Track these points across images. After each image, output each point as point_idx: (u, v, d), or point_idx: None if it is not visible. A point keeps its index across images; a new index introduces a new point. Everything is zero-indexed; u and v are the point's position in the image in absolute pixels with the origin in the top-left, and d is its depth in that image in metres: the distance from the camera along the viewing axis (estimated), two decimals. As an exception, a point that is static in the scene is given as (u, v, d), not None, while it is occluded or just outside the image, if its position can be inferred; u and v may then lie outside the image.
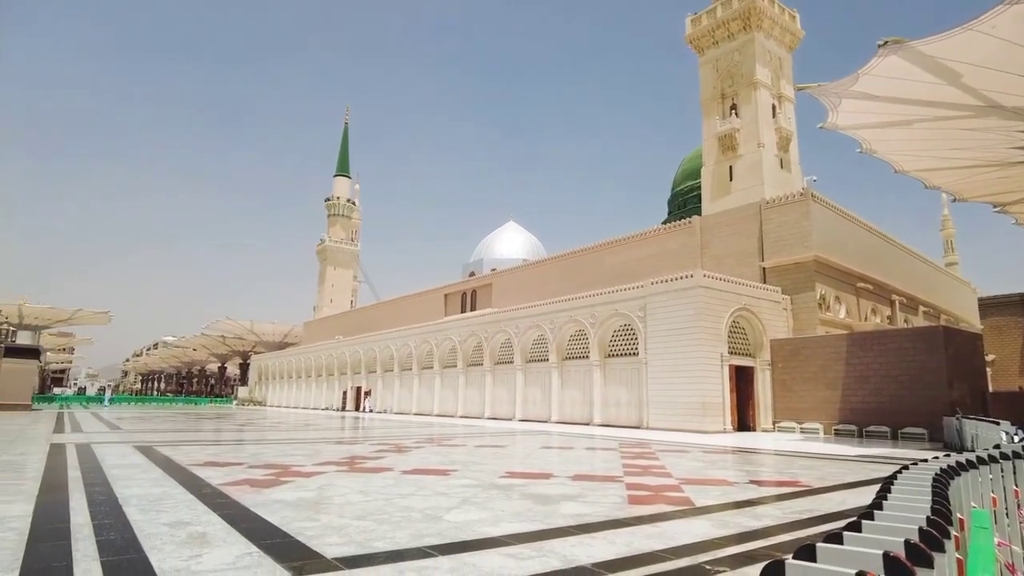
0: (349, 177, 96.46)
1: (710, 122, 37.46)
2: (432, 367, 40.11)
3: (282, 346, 73.53)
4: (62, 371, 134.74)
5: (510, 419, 32.16)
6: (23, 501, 6.28)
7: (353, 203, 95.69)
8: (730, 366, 24.35)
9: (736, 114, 36.27)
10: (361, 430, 22.58)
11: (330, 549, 4.49)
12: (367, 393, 47.05)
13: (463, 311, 47.99)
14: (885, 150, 17.41)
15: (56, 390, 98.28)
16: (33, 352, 39.21)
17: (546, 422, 29.39)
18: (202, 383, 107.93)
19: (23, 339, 57.22)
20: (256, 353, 76.82)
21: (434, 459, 11.65)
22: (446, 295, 51.67)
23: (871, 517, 2.24)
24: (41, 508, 5.93)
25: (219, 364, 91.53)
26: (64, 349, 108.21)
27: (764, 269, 29.07)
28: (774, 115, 36.28)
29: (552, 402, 30.17)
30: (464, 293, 49.95)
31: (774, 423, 24.84)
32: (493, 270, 51.60)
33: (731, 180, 35.86)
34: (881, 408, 21.33)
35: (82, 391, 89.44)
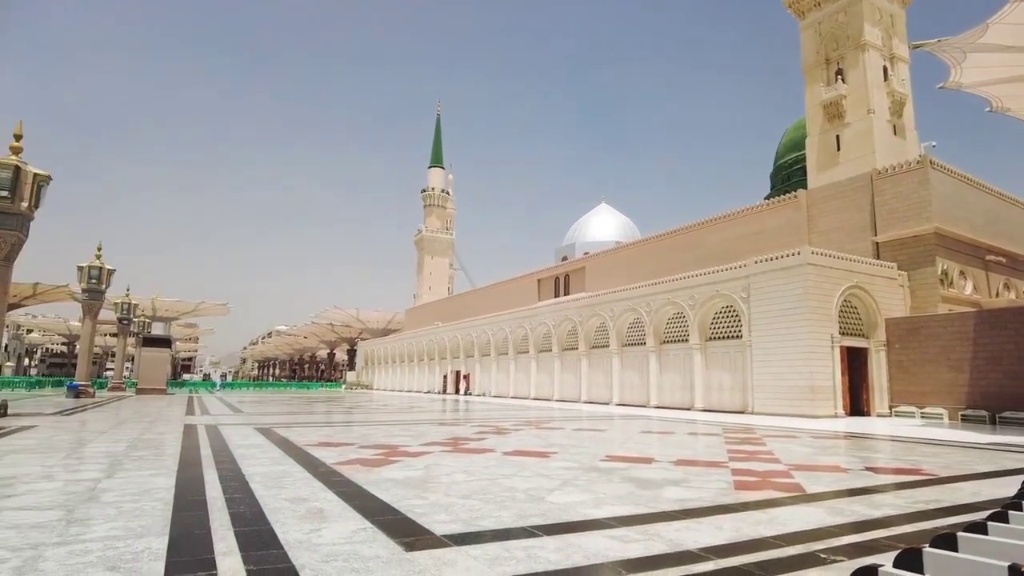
0: (443, 168, 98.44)
1: (813, 90, 35.26)
2: (527, 351, 40.49)
3: (386, 332, 76.53)
4: (189, 359, 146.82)
5: (607, 403, 32.00)
6: (166, 475, 6.93)
7: (447, 193, 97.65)
8: (841, 347, 23.05)
9: (842, 79, 33.93)
10: (461, 412, 23.19)
11: (439, 526, 4.67)
12: (465, 377, 48.22)
13: (556, 296, 48.08)
14: (1022, 107, 15.77)
15: (185, 376, 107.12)
16: (166, 342, 42.98)
17: (644, 407, 29.02)
18: (313, 368, 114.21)
19: (156, 330, 62.77)
20: (362, 339, 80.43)
21: (534, 441, 11.80)
22: (539, 280, 51.89)
23: (1019, 508, 2.08)
24: (181, 482, 6.52)
25: (328, 350, 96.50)
26: (190, 339, 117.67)
27: (877, 244, 27.22)
28: (885, 78, 33.63)
29: (650, 387, 29.71)
30: (557, 278, 49.97)
31: (891, 408, 23.33)
32: (586, 254, 51.24)
33: (839, 150, 33.67)
34: (1018, 393, 19.53)
35: (207, 377, 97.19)
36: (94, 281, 30.03)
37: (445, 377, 51.92)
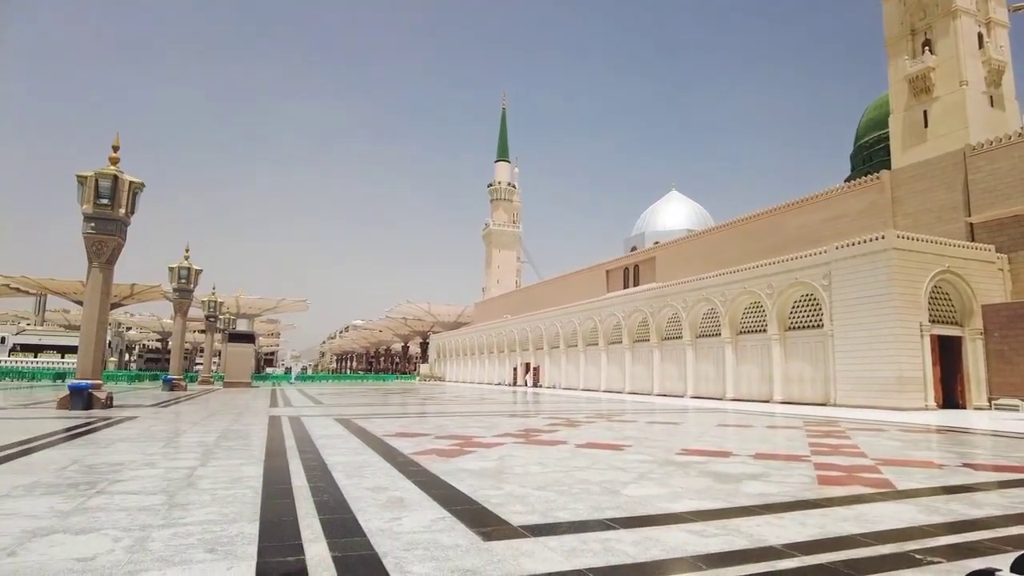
0: (509, 161, 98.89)
1: (897, 63, 33.28)
2: (597, 343, 40.23)
3: (456, 325, 77.72)
4: (271, 353, 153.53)
5: (680, 396, 31.43)
6: (254, 464, 7.29)
7: (513, 186, 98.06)
8: (931, 336, 21.80)
9: (930, 51, 31.87)
10: (532, 404, 23.30)
11: (515, 517, 4.72)
12: (535, 369, 48.39)
13: (626, 286, 47.48)
14: None
15: (268, 370, 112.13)
16: (250, 337, 45.09)
17: (720, 399, 28.34)
18: (388, 361, 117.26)
19: (241, 326, 65.99)
20: (434, 332, 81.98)
21: (606, 434, 11.74)
22: (608, 271, 51.38)
23: None
24: (268, 471, 6.85)
25: (402, 343, 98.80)
26: (272, 334, 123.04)
27: (971, 225, 25.52)
28: (980, 45, 31.36)
29: (726, 378, 28.98)
30: (626, 268, 49.34)
31: (990, 400, 21.90)
32: (656, 243, 50.37)
33: (926, 127, 31.69)
34: None
35: (288, 370, 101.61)
36: (184, 281, 31.87)
37: (515, 369, 52.26)
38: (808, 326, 25.24)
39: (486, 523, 4.54)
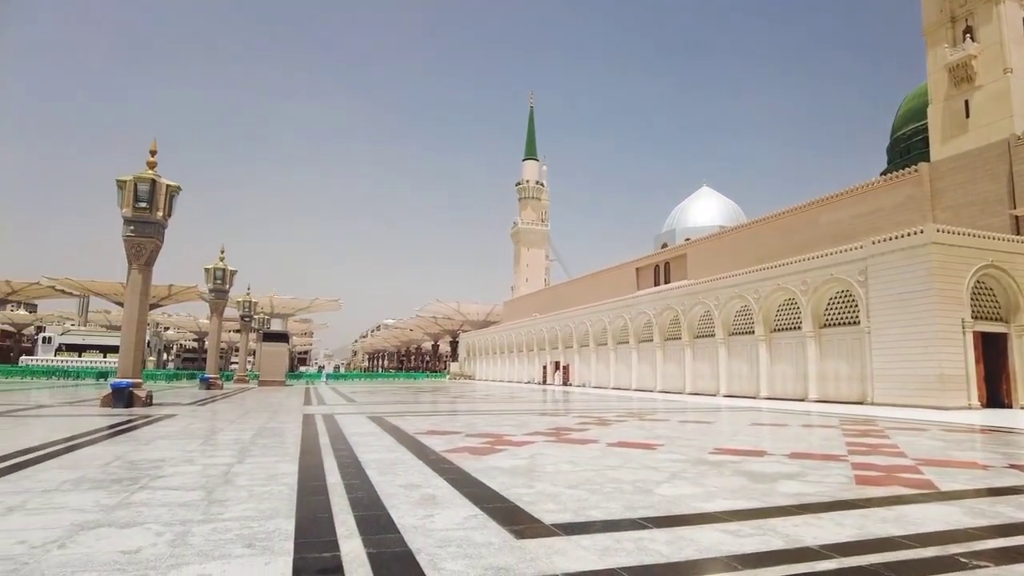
0: (537, 160, 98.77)
1: (937, 52, 32.36)
2: (628, 342, 39.97)
3: (485, 324, 77.95)
4: (305, 352, 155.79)
5: (713, 394, 31.07)
6: (289, 461, 7.41)
7: (542, 185, 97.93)
8: (974, 333, 21.18)
9: (972, 38, 30.92)
10: (562, 403, 23.25)
11: (547, 515, 4.72)
12: (565, 368, 48.28)
13: (656, 284, 47.07)
14: None
15: (301, 368, 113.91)
16: (283, 337, 45.86)
17: (753, 398, 27.94)
18: (419, 360, 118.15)
19: (275, 326, 67.11)
20: (463, 331, 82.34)
21: (638, 433, 11.65)
22: (638, 268, 50.99)
23: None
24: (303, 468, 6.95)
25: (432, 342, 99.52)
26: (306, 333, 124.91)
27: (1016, 218, 24.73)
28: (1025, 32, 30.32)
29: (760, 377, 28.55)
30: (656, 266, 48.90)
31: (1038, 399, 21.19)
32: (687, 240, 49.83)
33: (967, 117, 30.77)
34: None
35: (321, 369, 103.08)
36: (219, 281, 32.54)
37: (544, 368, 52.21)
38: (844, 323, 24.72)
39: (518, 521, 4.55)
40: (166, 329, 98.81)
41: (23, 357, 67.66)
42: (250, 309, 43.84)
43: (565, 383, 47.66)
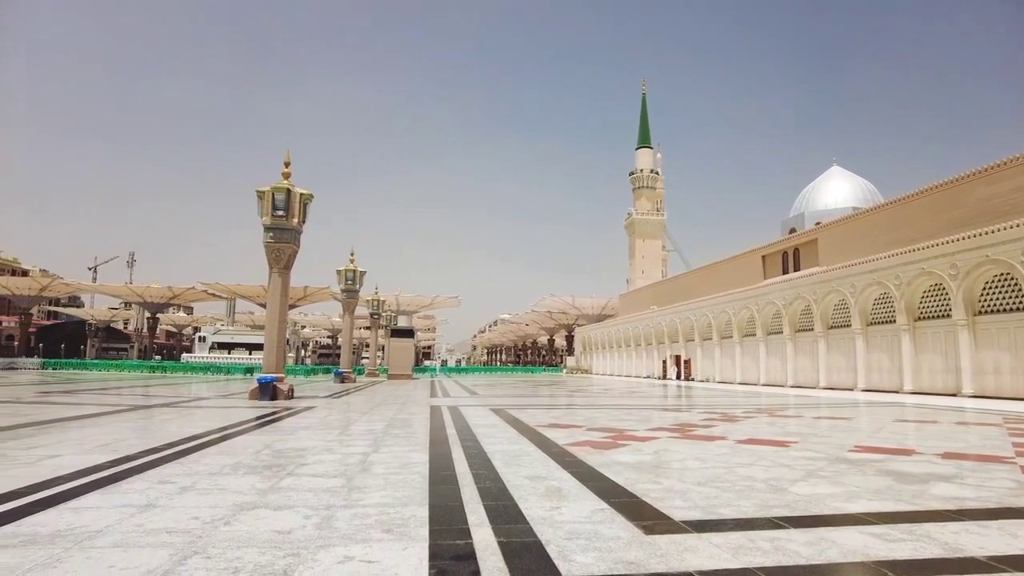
0: (651, 148, 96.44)
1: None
2: (754, 334, 38.21)
3: (601, 318, 77.36)
4: (429, 347, 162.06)
5: (850, 389, 29.04)
6: (420, 451, 7.76)
7: (656, 173, 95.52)
8: None
9: None
10: (684, 398, 22.63)
11: (676, 512, 4.62)
12: (686, 362, 46.96)
13: (784, 272, 44.56)
14: None
15: (426, 363, 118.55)
16: (409, 332, 47.99)
17: (896, 392, 25.82)
18: (535, 354, 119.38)
19: (401, 322, 70.35)
20: (578, 325, 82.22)
21: (768, 429, 11.12)
22: (763, 256, 48.49)
23: None
24: (433, 457, 7.25)
25: (548, 336, 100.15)
26: (429, 329, 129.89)
27: None
28: None
29: (903, 370, 26.33)
30: (784, 252, 46.27)
31: None
32: (817, 224, 46.73)
33: None
34: None
35: (444, 363, 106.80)
36: (350, 282, 34.58)
37: (664, 362, 51.03)
38: (1005, 309, 22.20)
39: (646, 516, 4.49)
40: (303, 327, 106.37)
41: (184, 354, 75.47)
42: (378, 307, 46.24)
43: (686, 378, 46.33)
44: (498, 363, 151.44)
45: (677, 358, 48.70)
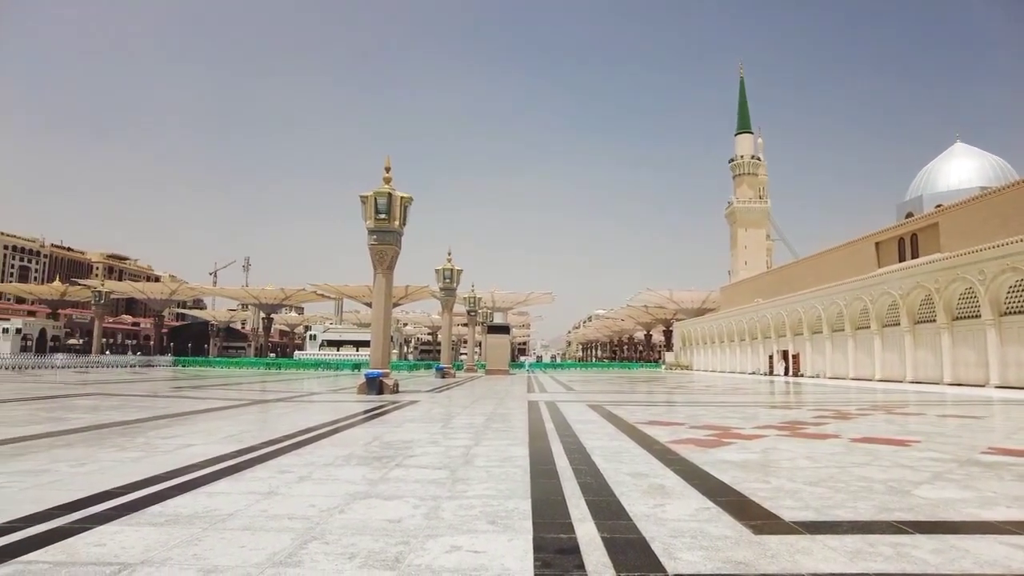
0: (751, 133, 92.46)
1: None
2: (868, 326, 35.88)
3: (701, 312, 75.10)
4: (524, 343, 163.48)
5: (981, 385, 26.71)
6: (520, 445, 7.87)
7: (758, 159, 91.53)
8: None
9: None
10: (793, 395, 21.61)
11: (786, 512, 4.44)
12: (794, 357, 44.79)
13: (901, 259, 41.49)
14: None
15: (521, 359, 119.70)
16: (505, 329, 48.67)
17: (1037, 388, 23.44)
18: (632, 350, 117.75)
19: (497, 319, 71.38)
20: (677, 320, 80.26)
21: (886, 428, 10.44)
22: (878, 243, 45.34)
23: None
24: (533, 452, 7.34)
25: (645, 332, 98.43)
26: (523, 325, 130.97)
27: None
28: None
29: (1046, 363, 23.88)
30: (901, 238, 43.07)
31: None
32: (938, 207, 43.16)
33: None
34: None
35: (539, 359, 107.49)
36: (448, 281, 35.50)
37: (771, 357, 48.88)
38: None
39: (754, 516, 4.35)
40: (405, 325, 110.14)
41: (296, 352, 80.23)
42: (475, 304, 47.19)
43: (794, 374, 44.16)
44: (593, 359, 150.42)
45: (784, 353, 46.50)
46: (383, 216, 18.84)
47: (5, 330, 64.32)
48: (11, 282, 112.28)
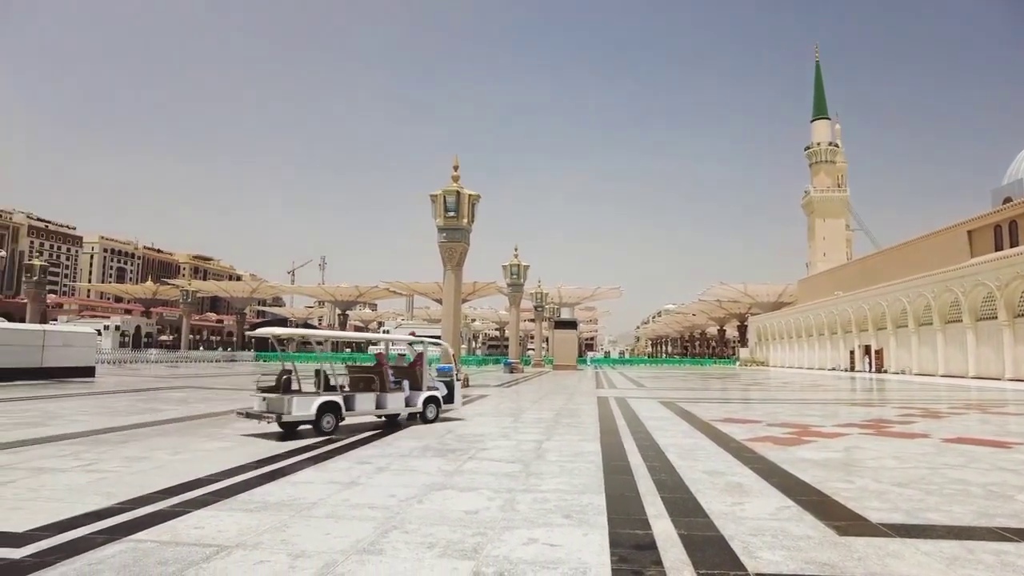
0: (828, 119, 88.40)
1: None
2: (960, 320, 33.76)
3: (777, 306, 72.55)
4: (591, 338, 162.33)
5: (1092, 382, 24.63)
6: (591, 441, 7.85)
7: (836, 146, 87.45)
8: None
9: None
10: (876, 392, 20.62)
11: (873, 514, 4.26)
12: (877, 352, 42.68)
13: (997, 248, 38.76)
14: None
15: (589, 354, 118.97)
16: (572, 324, 48.52)
17: None
18: (704, 345, 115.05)
19: (564, 314, 71.21)
20: (752, 314, 77.87)
21: (982, 428, 9.83)
22: (970, 231, 42.50)
23: None
24: (605, 447, 7.31)
25: (717, 327, 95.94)
26: (591, 320, 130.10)
27: None
28: None
29: None
30: (997, 226, 40.23)
31: None
32: (1041, 192, 40.10)
33: None
34: None
35: (607, 354, 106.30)
36: (515, 276, 35.69)
37: (851, 353, 46.72)
38: None
39: (838, 517, 4.20)
40: (472, 320, 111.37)
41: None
42: (542, 300, 47.27)
43: (878, 370, 42.05)
44: (663, 355, 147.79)
45: (867, 348, 44.33)
46: (452, 214, 19.12)
47: (106, 327, 69.04)
48: (110, 282, 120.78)
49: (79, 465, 5.78)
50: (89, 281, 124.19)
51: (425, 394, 9.70)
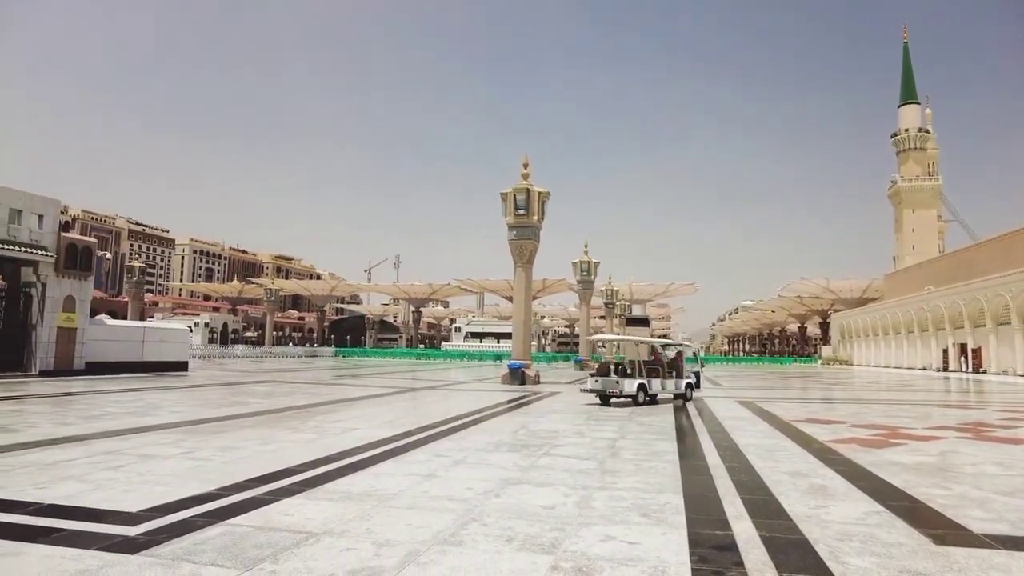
0: (918, 103, 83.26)
1: None
2: (1072, 316, 31.18)
3: (862, 302, 69.10)
4: (664, 335, 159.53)
5: None
6: (667, 440, 7.74)
7: (926, 132, 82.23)
8: None
9: None
10: (974, 394, 19.34)
11: (974, 523, 4.03)
12: (974, 351, 39.99)
13: (1116, 239, 35.57)
14: None
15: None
16: (644, 321, 47.87)
17: None
18: (784, 343, 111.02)
19: (635, 311, 70.32)
20: (835, 311, 74.50)
21: (1098, 433, 9.06)
22: (1083, 222, 39.16)
23: None
24: (681, 447, 7.19)
25: (798, 324, 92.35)
26: (664, 317, 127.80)
27: None
28: None
29: None
30: (1115, 215, 36.89)
31: None
32: None
33: None
34: None
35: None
36: (585, 273, 35.49)
37: (945, 352, 43.95)
38: None
39: (934, 524, 3.99)
40: (542, 317, 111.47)
41: (443, 343, 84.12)
42: (612, 296, 46.77)
43: (975, 370, 39.39)
44: (740, 353, 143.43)
45: (962, 347, 41.58)
46: (522, 212, 19.22)
47: (196, 324, 73.17)
48: (200, 282, 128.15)
49: (180, 453, 6.18)
50: (181, 280, 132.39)
51: (685, 381, 13.81)
